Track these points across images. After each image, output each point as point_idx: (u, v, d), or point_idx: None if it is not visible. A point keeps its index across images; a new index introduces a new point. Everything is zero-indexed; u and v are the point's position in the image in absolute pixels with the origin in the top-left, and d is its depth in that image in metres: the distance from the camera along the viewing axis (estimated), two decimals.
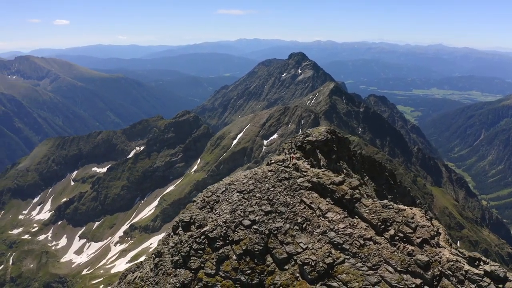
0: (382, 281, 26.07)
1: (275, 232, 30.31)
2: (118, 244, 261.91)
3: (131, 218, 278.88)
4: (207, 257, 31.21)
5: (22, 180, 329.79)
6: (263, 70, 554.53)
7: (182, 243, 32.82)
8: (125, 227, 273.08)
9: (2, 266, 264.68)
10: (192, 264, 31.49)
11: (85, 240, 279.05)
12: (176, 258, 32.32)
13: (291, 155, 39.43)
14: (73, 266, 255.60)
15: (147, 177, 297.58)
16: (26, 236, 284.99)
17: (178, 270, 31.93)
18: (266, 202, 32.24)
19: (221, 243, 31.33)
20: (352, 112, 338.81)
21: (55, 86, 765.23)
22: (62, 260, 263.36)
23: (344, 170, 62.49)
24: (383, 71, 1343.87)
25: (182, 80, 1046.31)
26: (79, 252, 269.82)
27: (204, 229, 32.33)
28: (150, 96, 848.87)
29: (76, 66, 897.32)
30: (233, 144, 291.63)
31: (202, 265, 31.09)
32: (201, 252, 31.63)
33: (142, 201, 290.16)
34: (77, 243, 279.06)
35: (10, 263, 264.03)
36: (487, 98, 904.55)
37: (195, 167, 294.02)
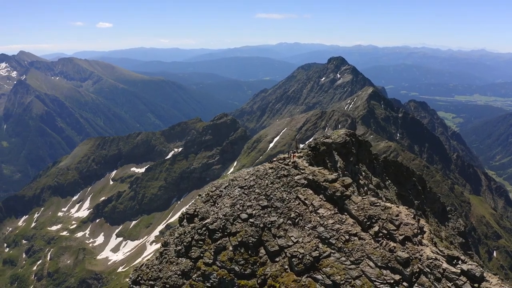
0: (363, 275, 26.99)
1: (269, 225, 31.76)
2: (154, 243, 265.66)
3: (168, 218, 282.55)
4: (207, 248, 32.98)
5: (63, 178, 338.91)
6: (302, 74, 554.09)
7: (185, 234, 34.74)
8: (161, 226, 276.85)
9: (40, 261, 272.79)
10: (193, 253, 33.30)
11: (121, 238, 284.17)
12: (179, 247, 34.25)
13: (293, 154, 40.80)
14: (109, 263, 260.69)
15: (184, 178, 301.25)
16: (64, 233, 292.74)
17: (180, 259, 33.81)
18: (264, 197, 33.71)
19: (219, 234, 33.02)
20: (391, 117, 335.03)
21: (97, 88, 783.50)
22: (99, 257, 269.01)
23: (363, 173, 63.34)
24: (424, 77, 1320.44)
25: (222, 84, 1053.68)
26: (115, 250, 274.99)
27: (206, 221, 34.07)
28: (191, 98, 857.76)
29: (118, 69, 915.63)
30: (269, 148, 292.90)
31: (202, 254, 32.85)
32: (201, 242, 33.40)
33: (179, 202, 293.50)
34: (113, 241, 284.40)
35: (48, 258, 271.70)
36: None
37: (231, 170, 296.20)
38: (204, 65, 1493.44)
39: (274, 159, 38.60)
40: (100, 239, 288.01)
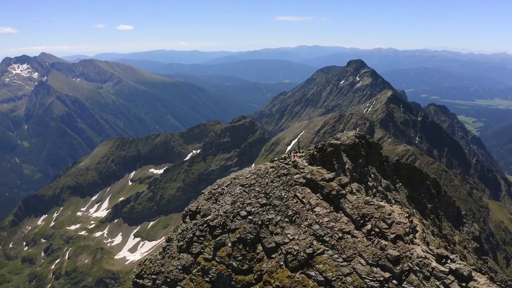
0: (354, 272, 27.48)
1: (267, 223, 32.47)
2: None
3: None
4: (207, 244, 33.86)
5: (82, 179, 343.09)
6: (321, 77, 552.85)
7: (187, 230, 35.72)
8: None
9: (58, 260, 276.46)
10: (194, 249, 34.21)
11: (139, 238, 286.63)
12: (181, 243, 35.22)
13: (294, 154, 41.58)
14: (126, 263, 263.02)
15: (202, 179, 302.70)
16: (83, 232, 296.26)
17: (181, 254, 34.77)
18: (263, 195, 34.44)
19: (219, 231, 33.85)
20: (410, 121, 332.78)
21: (117, 89, 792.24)
22: (116, 257, 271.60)
23: (372, 175, 63.66)
24: (445, 80, 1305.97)
25: (242, 86, 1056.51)
26: (133, 250, 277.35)
27: (207, 218, 35.01)
28: (210, 101, 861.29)
29: (138, 71, 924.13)
30: (287, 150, 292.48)
31: (202, 250, 33.73)
32: (202, 238, 34.31)
33: None
34: (131, 241, 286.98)
35: (66, 257, 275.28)
36: None
37: None
38: (223, 67, 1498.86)
39: (275, 158, 39.43)
40: (118, 239, 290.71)
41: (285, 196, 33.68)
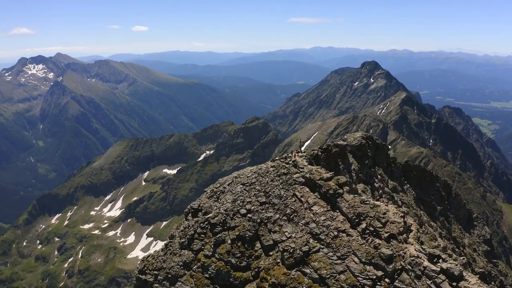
0: (347, 270, 27.93)
1: (266, 221, 33.11)
2: None
3: None
4: (207, 241, 34.65)
5: (96, 178, 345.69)
6: (335, 78, 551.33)
7: (189, 227, 36.55)
8: None
9: (71, 259, 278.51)
10: (195, 246, 35.04)
11: (152, 238, 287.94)
12: (183, 240, 36.09)
13: (295, 153, 42.16)
14: (138, 262, 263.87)
15: (215, 180, 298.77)
16: (96, 232, 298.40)
17: (182, 251, 35.62)
18: (263, 194, 35.07)
19: (220, 228, 34.61)
20: (424, 123, 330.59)
21: (132, 90, 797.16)
22: (129, 256, 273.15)
23: (379, 176, 63.87)
24: (460, 82, 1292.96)
25: (256, 87, 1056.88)
26: (145, 249, 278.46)
27: (208, 216, 35.77)
28: (224, 102, 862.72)
29: (153, 71, 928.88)
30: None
31: (202, 247, 34.53)
32: (203, 235, 35.10)
33: None
34: (144, 240, 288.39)
35: (79, 256, 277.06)
36: None
37: None
38: (237, 68, 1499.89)
39: (277, 158, 40.06)
40: (131, 238, 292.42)
41: (284, 195, 34.28)
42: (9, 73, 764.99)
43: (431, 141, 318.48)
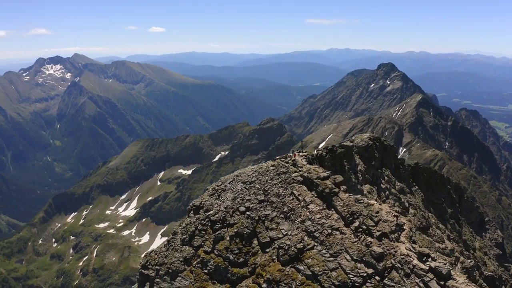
0: (339, 267, 28.46)
1: (263, 218, 33.81)
2: None
3: None
4: (207, 237, 35.51)
5: (112, 178, 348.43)
6: (352, 80, 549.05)
7: (190, 224, 37.46)
8: None
9: (86, 257, 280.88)
10: (195, 242, 35.93)
11: (166, 238, 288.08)
12: (184, 236, 37.00)
13: (295, 153, 42.80)
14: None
15: None
16: (111, 231, 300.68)
17: (183, 247, 36.52)
18: (262, 192, 35.76)
19: (220, 225, 35.41)
20: (440, 125, 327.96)
21: (148, 91, 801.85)
22: (143, 255, 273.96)
23: (386, 177, 64.11)
24: (478, 84, 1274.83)
25: (272, 88, 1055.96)
26: None
27: (209, 213, 36.60)
28: (240, 103, 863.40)
29: (169, 72, 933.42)
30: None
31: (203, 243, 35.41)
32: (203, 232, 35.96)
33: None
34: (158, 240, 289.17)
35: (94, 255, 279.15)
36: None
37: None
38: (254, 70, 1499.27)
39: (277, 157, 40.79)
40: (145, 238, 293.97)
41: (283, 193, 34.93)
42: (27, 73, 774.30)
43: (447, 143, 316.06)
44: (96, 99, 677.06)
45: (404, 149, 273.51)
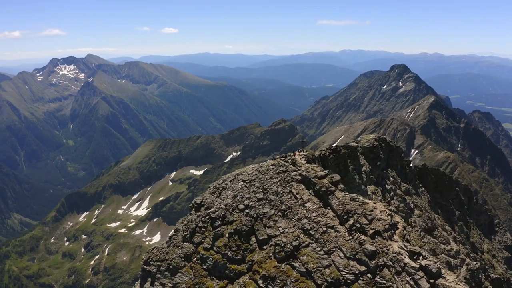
0: (333, 264, 28.94)
1: (261, 216, 34.41)
2: None
3: None
4: (207, 234, 36.22)
5: (124, 178, 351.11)
6: (364, 81, 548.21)
7: (191, 221, 38.20)
8: None
9: (98, 256, 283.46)
10: (196, 239, 36.65)
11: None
12: (185, 233, 37.75)
13: (295, 152, 43.36)
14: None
15: None
16: (122, 230, 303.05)
17: (184, 243, 37.27)
18: (261, 190, 36.33)
19: (219, 223, 36.11)
20: (452, 127, 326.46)
21: (161, 91, 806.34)
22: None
23: (391, 178, 64.38)
24: (491, 86, 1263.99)
25: (284, 90, 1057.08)
26: None
27: (209, 210, 37.33)
28: (252, 104, 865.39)
29: (182, 73, 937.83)
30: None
31: (203, 240, 36.13)
32: (203, 229, 36.68)
33: None
34: None
35: (106, 254, 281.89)
36: None
37: None
38: (266, 71, 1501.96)
39: (277, 156, 41.41)
40: (157, 237, 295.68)
41: (281, 192, 35.50)
42: (41, 73, 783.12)
43: (459, 146, 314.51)
44: (109, 99, 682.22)
45: (416, 151, 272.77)
